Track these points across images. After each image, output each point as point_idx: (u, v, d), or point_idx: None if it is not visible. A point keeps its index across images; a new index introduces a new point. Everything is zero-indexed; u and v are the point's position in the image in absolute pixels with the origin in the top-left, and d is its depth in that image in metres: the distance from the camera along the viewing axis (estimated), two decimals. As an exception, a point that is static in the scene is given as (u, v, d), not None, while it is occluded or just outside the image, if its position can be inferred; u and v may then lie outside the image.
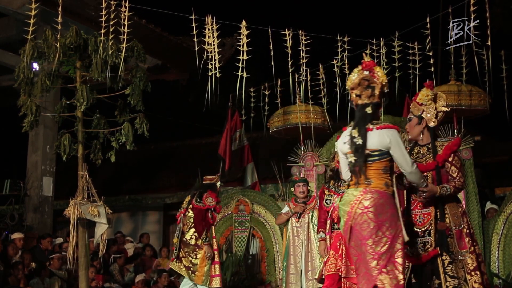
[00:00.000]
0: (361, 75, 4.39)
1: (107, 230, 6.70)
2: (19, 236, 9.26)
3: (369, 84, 4.36)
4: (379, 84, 4.36)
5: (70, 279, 9.04)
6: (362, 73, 4.40)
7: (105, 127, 6.90)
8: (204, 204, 7.43)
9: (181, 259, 7.50)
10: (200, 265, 7.39)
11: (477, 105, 8.50)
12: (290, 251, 7.35)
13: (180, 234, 7.61)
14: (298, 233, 7.33)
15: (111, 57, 6.50)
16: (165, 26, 11.76)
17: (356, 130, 4.28)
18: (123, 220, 14.91)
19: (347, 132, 4.38)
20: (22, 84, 6.56)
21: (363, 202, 4.23)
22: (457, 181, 4.65)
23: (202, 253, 7.41)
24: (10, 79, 10.50)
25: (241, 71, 6.62)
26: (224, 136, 11.24)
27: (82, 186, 6.50)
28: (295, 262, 7.29)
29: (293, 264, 7.30)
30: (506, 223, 8.11)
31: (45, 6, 8.54)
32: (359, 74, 4.40)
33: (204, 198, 7.44)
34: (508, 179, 12.01)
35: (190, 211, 7.57)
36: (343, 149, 4.40)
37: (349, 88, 4.45)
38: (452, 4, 7.18)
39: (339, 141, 4.48)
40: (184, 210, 7.67)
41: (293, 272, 7.28)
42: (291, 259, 7.33)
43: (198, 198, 7.46)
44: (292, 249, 7.35)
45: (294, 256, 7.32)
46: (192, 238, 7.50)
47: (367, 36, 7.64)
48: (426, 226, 4.65)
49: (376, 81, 4.36)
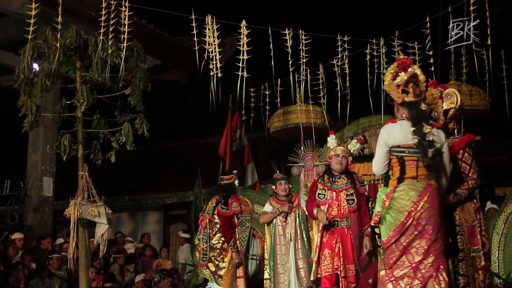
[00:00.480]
0: (411, 73, 4.51)
1: (107, 230, 6.70)
2: (19, 237, 9.26)
3: (415, 81, 4.50)
4: (423, 82, 4.53)
5: (70, 279, 9.05)
6: (410, 70, 4.52)
7: (105, 127, 6.90)
8: (230, 210, 7.49)
9: (207, 265, 7.59)
10: (227, 268, 7.48)
11: (477, 105, 8.50)
12: (276, 250, 7.20)
13: (208, 240, 7.63)
14: (285, 231, 7.20)
15: (111, 57, 6.50)
16: (165, 26, 11.77)
17: (427, 127, 4.36)
18: (123, 220, 14.91)
19: (400, 126, 4.45)
20: (22, 85, 6.55)
21: (431, 197, 4.30)
22: (470, 180, 4.69)
23: (229, 257, 7.49)
24: (10, 80, 10.51)
25: (241, 71, 6.61)
26: (224, 136, 11.23)
27: (82, 186, 6.50)
28: (283, 262, 7.14)
29: (280, 263, 7.15)
30: (506, 223, 8.11)
31: (45, 6, 8.53)
32: (407, 72, 4.50)
33: (230, 204, 7.49)
34: (508, 179, 12.01)
35: (216, 217, 7.58)
36: (395, 142, 4.46)
37: (392, 84, 4.54)
38: (452, 3, 7.18)
39: (383, 133, 4.52)
40: (210, 216, 7.63)
41: (281, 272, 7.13)
42: (278, 258, 7.18)
43: (224, 205, 7.49)
44: (278, 248, 7.20)
45: (281, 255, 7.16)
46: (219, 242, 7.55)
47: (367, 36, 7.64)
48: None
49: (421, 79, 4.51)
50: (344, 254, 6.08)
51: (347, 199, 6.22)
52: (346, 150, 6.46)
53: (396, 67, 4.58)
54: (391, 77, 4.58)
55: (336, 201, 6.22)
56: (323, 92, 8.16)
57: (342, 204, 6.21)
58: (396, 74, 4.57)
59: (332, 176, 6.36)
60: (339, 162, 6.34)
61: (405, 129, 4.45)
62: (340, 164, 6.34)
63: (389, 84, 4.60)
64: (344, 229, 6.17)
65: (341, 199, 6.22)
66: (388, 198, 4.35)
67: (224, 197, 7.54)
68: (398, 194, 4.36)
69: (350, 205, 6.20)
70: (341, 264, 6.03)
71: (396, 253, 4.33)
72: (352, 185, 6.30)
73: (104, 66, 6.47)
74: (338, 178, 6.35)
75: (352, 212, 6.19)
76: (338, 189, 6.28)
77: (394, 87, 4.56)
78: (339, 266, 6.04)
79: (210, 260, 7.52)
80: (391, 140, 4.49)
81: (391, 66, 4.64)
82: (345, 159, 6.38)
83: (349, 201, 6.21)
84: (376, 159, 4.59)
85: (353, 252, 6.09)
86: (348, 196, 6.24)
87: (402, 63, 4.54)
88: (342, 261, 6.04)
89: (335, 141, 6.50)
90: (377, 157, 4.59)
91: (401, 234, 4.29)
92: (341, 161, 6.35)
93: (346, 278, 6.08)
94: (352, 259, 6.09)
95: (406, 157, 4.42)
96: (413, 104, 4.48)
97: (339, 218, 6.20)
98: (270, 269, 7.24)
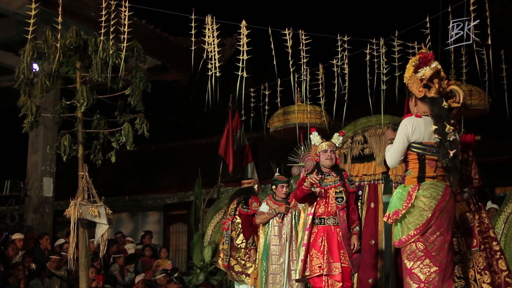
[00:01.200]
0: (435, 68, 4.40)
1: (107, 230, 6.70)
2: (19, 237, 9.26)
3: (440, 77, 4.42)
4: (444, 79, 4.44)
5: (70, 279, 9.05)
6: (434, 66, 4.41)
7: (105, 128, 6.90)
8: (250, 209, 7.81)
9: (233, 266, 7.82)
10: (254, 266, 7.67)
11: (477, 104, 8.50)
12: (271, 250, 7.15)
13: (230, 241, 7.92)
14: (281, 232, 7.16)
15: (111, 58, 6.50)
16: (165, 27, 11.77)
17: (449, 127, 4.28)
18: (123, 221, 14.91)
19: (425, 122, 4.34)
20: (22, 85, 6.55)
21: (451, 199, 4.26)
22: (474, 180, 4.68)
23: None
24: (10, 80, 10.51)
25: (241, 71, 6.61)
26: (224, 136, 11.22)
27: (82, 186, 6.49)
28: (278, 262, 7.10)
29: (274, 264, 7.10)
30: (507, 222, 8.11)
31: (45, 6, 8.53)
32: (431, 67, 4.39)
33: (250, 203, 7.84)
34: (508, 179, 12.01)
35: (238, 217, 7.91)
36: (419, 137, 4.33)
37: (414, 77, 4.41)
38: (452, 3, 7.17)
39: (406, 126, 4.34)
40: (232, 217, 7.97)
41: (273, 272, 7.09)
42: (272, 259, 7.13)
43: (244, 205, 7.84)
44: (272, 248, 7.15)
45: (276, 255, 7.12)
46: (242, 242, 7.87)
47: (367, 36, 7.63)
48: None
49: (442, 76, 4.44)
50: (329, 252, 5.96)
51: (336, 196, 6.11)
52: (332, 144, 6.35)
53: (417, 60, 4.43)
54: (413, 69, 4.42)
55: (324, 198, 6.11)
56: (322, 93, 8.16)
57: (330, 201, 6.10)
58: (417, 67, 4.42)
59: (321, 173, 6.21)
60: (328, 158, 6.23)
61: (428, 126, 4.33)
62: (330, 159, 6.23)
63: (411, 77, 4.43)
64: (331, 226, 6.05)
65: (330, 197, 6.11)
66: (412, 196, 4.21)
67: (244, 198, 7.89)
68: (423, 193, 4.23)
69: (339, 203, 6.08)
70: (325, 261, 5.91)
71: (418, 254, 4.20)
72: (341, 183, 6.18)
73: (104, 66, 6.47)
74: (327, 175, 6.22)
75: (341, 210, 6.07)
76: (327, 186, 6.17)
77: (416, 80, 4.40)
78: (321, 264, 5.92)
79: (236, 261, 7.78)
80: (416, 135, 4.33)
81: (412, 59, 4.50)
82: (333, 153, 6.27)
83: (338, 199, 6.10)
84: (395, 152, 4.37)
85: (340, 250, 5.96)
86: (337, 194, 6.12)
87: (424, 57, 4.41)
88: (326, 259, 5.92)
89: (319, 137, 6.39)
90: (396, 149, 4.36)
91: (422, 233, 4.18)
92: (330, 156, 6.23)
93: (330, 276, 5.92)
94: (338, 257, 5.95)
95: (428, 155, 4.30)
96: (436, 100, 4.36)
97: (326, 215, 6.08)
98: (262, 269, 7.18)
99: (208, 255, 9.61)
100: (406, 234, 4.21)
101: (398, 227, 4.26)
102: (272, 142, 12.67)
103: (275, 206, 7.27)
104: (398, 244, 4.25)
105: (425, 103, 4.40)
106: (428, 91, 4.36)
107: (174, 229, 14.53)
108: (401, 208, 4.20)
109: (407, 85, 4.51)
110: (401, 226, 4.23)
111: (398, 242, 4.26)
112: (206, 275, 9.50)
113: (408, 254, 4.22)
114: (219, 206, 9.97)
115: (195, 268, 9.63)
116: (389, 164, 4.45)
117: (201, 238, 9.82)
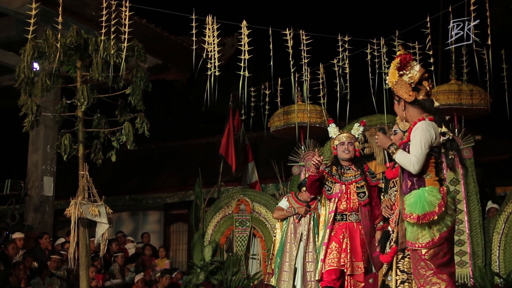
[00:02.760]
0: (422, 70, 4.33)
1: (107, 230, 6.70)
2: (20, 236, 9.26)
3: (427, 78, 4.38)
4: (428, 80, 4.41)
5: (71, 278, 9.05)
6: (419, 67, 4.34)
7: (105, 127, 6.90)
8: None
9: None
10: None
11: (478, 104, 8.50)
12: (286, 248, 7.08)
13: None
14: (296, 231, 7.07)
15: (112, 57, 6.50)
16: (166, 26, 11.76)
17: (444, 127, 4.29)
18: (124, 220, 14.91)
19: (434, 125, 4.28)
20: (22, 84, 6.55)
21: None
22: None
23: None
24: (11, 79, 10.52)
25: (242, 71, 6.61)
26: (225, 136, 11.21)
27: (83, 186, 6.50)
28: (290, 260, 7.03)
29: (287, 261, 7.04)
30: (507, 222, 8.11)
31: (45, 6, 8.52)
32: (417, 70, 4.33)
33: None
34: (508, 178, 12.02)
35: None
36: (438, 142, 4.27)
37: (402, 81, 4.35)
38: (452, 3, 7.18)
39: (430, 130, 4.21)
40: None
41: (286, 270, 7.01)
42: (286, 256, 7.06)
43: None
44: (288, 246, 7.08)
45: (290, 253, 7.05)
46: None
47: (367, 36, 7.64)
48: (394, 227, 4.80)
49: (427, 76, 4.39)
50: (352, 250, 5.65)
51: (358, 192, 5.79)
52: (351, 135, 5.99)
53: (398, 63, 4.34)
54: (397, 73, 4.34)
55: (346, 194, 5.78)
56: (323, 92, 8.17)
57: (352, 197, 5.77)
58: (399, 70, 4.34)
59: (341, 167, 5.89)
60: (346, 150, 5.89)
61: (436, 129, 4.27)
62: (348, 152, 5.88)
63: (398, 81, 4.33)
64: (353, 223, 5.75)
65: (351, 192, 5.79)
66: (445, 200, 4.16)
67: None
68: (449, 196, 4.25)
69: (361, 199, 5.77)
70: (348, 261, 5.60)
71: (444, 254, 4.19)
72: (362, 177, 5.85)
73: (104, 65, 6.48)
74: (347, 169, 5.90)
75: (363, 206, 5.76)
76: (347, 181, 5.84)
77: (405, 84, 4.31)
78: (345, 263, 5.60)
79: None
80: (437, 139, 4.25)
81: (393, 63, 4.40)
82: (351, 145, 5.91)
83: (360, 194, 5.79)
84: (420, 157, 4.18)
85: (363, 249, 5.68)
86: (358, 189, 5.81)
87: (404, 58, 4.33)
88: (349, 258, 5.61)
89: (336, 129, 6.08)
90: (421, 155, 4.18)
91: (449, 235, 4.21)
92: (348, 148, 5.88)
93: (353, 276, 5.65)
94: (361, 256, 5.66)
95: (442, 159, 4.28)
96: (432, 101, 4.31)
97: (348, 211, 5.77)
98: (276, 265, 7.14)
99: (209, 254, 9.60)
100: (439, 234, 4.16)
101: (426, 229, 4.16)
102: (273, 142, 12.66)
103: (296, 205, 7.14)
104: (431, 244, 4.15)
105: (416, 106, 4.31)
106: (417, 94, 4.28)
107: (175, 228, 14.54)
108: (435, 210, 4.12)
109: (393, 90, 4.42)
110: (430, 228, 4.16)
111: (430, 242, 4.16)
112: (207, 274, 9.49)
113: (434, 255, 4.19)
114: (220, 206, 9.98)
115: (196, 267, 9.62)
116: (415, 171, 4.22)
117: (201, 238, 9.81)
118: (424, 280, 4.18)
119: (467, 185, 8.19)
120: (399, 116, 4.50)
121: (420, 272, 4.19)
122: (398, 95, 4.38)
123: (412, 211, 4.18)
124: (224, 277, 9.29)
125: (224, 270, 9.32)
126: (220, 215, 9.90)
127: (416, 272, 4.21)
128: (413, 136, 4.23)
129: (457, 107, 8.44)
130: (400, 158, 4.25)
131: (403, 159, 4.23)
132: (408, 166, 4.20)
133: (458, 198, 8.10)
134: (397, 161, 4.29)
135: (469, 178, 8.21)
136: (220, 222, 9.76)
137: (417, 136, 4.20)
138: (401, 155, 4.24)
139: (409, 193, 4.26)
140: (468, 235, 8.06)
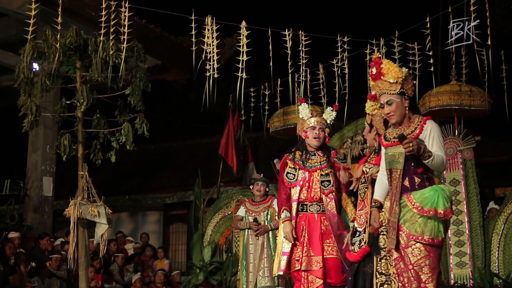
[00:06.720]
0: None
1: (107, 230, 6.69)
2: (15, 235, 9.25)
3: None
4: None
5: (70, 279, 9.04)
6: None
7: (105, 127, 6.89)
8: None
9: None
10: None
11: (478, 105, 8.50)
12: (249, 249, 7.14)
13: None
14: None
15: (111, 57, 6.50)
16: (165, 26, 11.77)
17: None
18: (123, 220, 14.91)
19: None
20: (22, 84, 6.54)
21: None
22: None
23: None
24: (10, 79, 10.51)
25: (241, 72, 6.60)
26: (225, 136, 11.22)
27: (82, 186, 6.49)
28: (254, 260, 7.08)
29: (252, 262, 7.09)
30: (506, 223, 8.11)
31: (45, 6, 8.53)
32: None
33: None
34: (508, 179, 12.01)
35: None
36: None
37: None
38: (452, 3, 7.17)
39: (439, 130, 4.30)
40: None
41: (251, 270, 7.07)
42: (250, 257, 7.11)
43: None
44: (250, 247, 7.15)
45: (253, 254, 7.12)
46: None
47: (367, 36, 7.64)
48: (364, 226, 4.81)
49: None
50: (310, 243, 5.14)
51: (322, 180, 5.23)
52: (323, 120, 5.41)
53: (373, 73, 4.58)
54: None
55: (307, 183, 5.23)
56: (323, 92, 8.16)
57: (314, 186, 5.22)
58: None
59: (306, 152, 5.33)
60: (316, 136, 5.31)
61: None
62: (318, 139, 5.31)
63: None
64: (314, 214, 5.22)
65: (313, 180, 5.23)
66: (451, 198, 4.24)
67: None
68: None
69: (325, 188, 5.22)
70: (304, 255, 5.10)
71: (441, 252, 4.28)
72: (328, 164, 5.27)
73: (104, 66, 6.47)
74: (312, 154, 5.35)
75: (327, 195, 5.21)
76: (311, 168, 5.29)
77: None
78: (300, 257, 5.11)
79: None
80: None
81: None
82: (322, 131, 5.34)
83: (324, 183, 5.22)
84: (444, 156, 4.16)
85: (325, 241, 5.16)
86: (322, 177, 5.24)
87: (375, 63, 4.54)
88: (305, 252, 5.10)
89: (308, 111, 5.43)
90: (444, 153, 4.19)
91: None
92: (319, 135, 5.31)
93: (309, 271, 5.12)
94: (320, 249, 5.13)
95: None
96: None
97: (308, 201, 5.24)
98: (243, 268, 7.18)
99: (208, 255, 9.61)
100: (446, 232, 4.26)
101: (441, 225, 4.14)
102: (272, 142, 12.67)
103: (252, 208, 7.24)
104: (441, 241, 4.16)
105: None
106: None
107: (174, 228, 14.53)
108: (450, 208, 4.13)
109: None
110: (442, 225, 4.15)
111: (441, 240, 4.16)
112: (206, 275, 9.50)
113: (439, 252, 4.23)
114: (219, 206, 9.98)
115: (195, 268, 9.63)
116: (442, 169, 4.37)
117: (200, 238, 9.82)
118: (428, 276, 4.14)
119: (467, 186, 8.19)
120: (369, 141, 4.98)
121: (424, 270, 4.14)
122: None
123: (430, 206, 4.09)
124: (224, 277, 9.30)
125: (223, 270, 9.32)
126: (219, 216, 9.90)
127: (418, 267, 4.13)
128: (431, 136, 4.17)
129: (457, 108, 8.44)
130: (437, 160, 4.10)
131: (439, 160, 4.11)
132: (441, 166, 4.17)
133: (458, 199, 8.11)
134: (431, 163, 4.10)
135: (470, 179, 8.21)
136: (220, 222, 9.76)
137: (435, 135, 4.18)
138: (437, 158, 4.11)
139: (420, 190, 4.15)
140: (468, 236, 8.06)
